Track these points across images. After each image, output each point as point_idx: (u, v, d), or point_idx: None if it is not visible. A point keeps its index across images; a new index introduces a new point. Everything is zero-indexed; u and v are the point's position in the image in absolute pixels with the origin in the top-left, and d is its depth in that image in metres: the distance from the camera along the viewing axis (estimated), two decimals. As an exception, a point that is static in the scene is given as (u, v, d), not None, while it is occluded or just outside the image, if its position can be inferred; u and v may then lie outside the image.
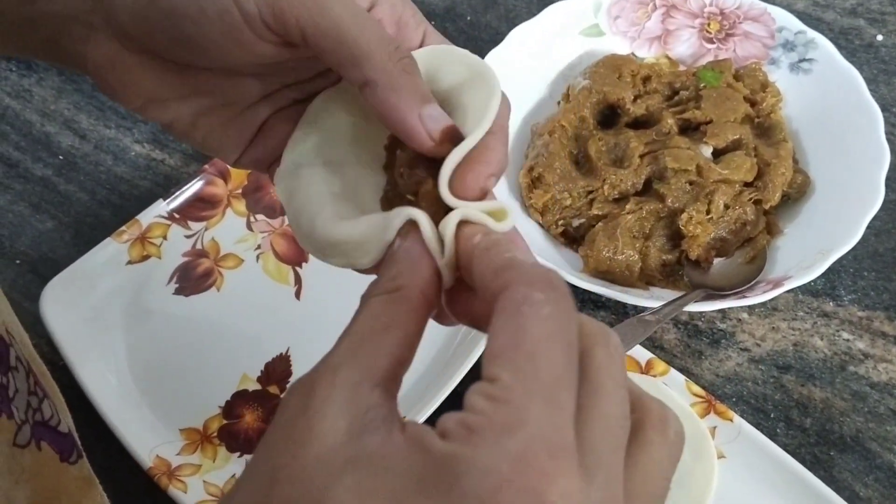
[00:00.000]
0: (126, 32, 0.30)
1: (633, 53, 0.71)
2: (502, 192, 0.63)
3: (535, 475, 0.19)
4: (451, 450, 0.20)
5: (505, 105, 0.29)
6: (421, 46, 0.31)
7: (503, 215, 0.26)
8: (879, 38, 0.77)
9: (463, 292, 0.26)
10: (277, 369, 0.58)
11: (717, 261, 0.60)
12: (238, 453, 0.55)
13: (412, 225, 0.26)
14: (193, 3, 0.28)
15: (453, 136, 0.27)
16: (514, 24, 0.69)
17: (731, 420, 0.54)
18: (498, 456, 0.19)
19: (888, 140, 0.62)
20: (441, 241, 0.25)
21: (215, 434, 0.55)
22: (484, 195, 0.27)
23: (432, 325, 0.26)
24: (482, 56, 0.67)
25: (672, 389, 0.55)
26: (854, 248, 0.58)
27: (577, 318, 0.23)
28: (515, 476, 0.19)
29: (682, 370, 0.57)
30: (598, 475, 0.21)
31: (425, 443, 0.20)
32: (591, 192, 0.62)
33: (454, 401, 0.53)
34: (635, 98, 0.66)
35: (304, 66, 0.32)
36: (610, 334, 0.24)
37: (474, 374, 0.50)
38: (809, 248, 0.59)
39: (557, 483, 0.19)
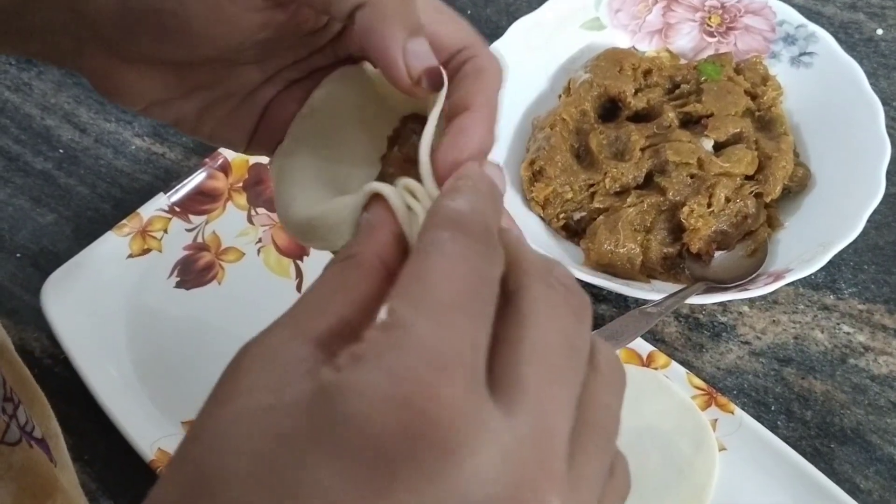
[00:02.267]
0: (111, 41, 0.29)
1: (633, 47, 0.71)
2: (503, 185, 0.63)
3: (411, 387, 0.18)
4: (336, 378, 0.19)
5: (495, 76, 0.27)
6: None
7: None
8: (879, 32, 0.77)
9: None
10: (279, 362, 0.58)
11: (717, 254, 0.60)
12: (240, 446, 0.55)
13: (377, 197, 0.25)
14: None
15: (434, 80, 0.26)
16: (515, 18, 0.69)
17: (732, 412, 0.54)
18: (375, 375, 0.18)
19: (889, 133, 0.62)
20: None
21: (217, 427, 0.55)
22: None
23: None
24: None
25: (673, 382, 0.55)
26: (854, 242, 0.58)
27: (515, 255, 0.22)
28: (391, 391, 0.18)
29: (683, 363, 0.57)
30: (522, 406, 0.19)
31: (319, 378, 0.20)
32: (592, 185, 0.62)
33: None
34: (636, 91, 0.66)
35: (299, 45, 0.32)
36: (553, 267, 0.22)
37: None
38: (810, 242, 0.59)
39: (439, 394, 0.18)
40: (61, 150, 0.71)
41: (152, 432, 0.54)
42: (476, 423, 0.18)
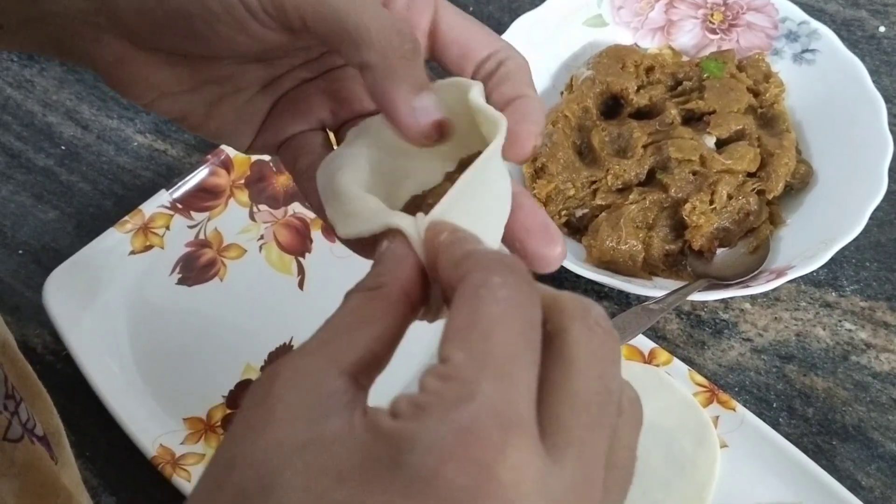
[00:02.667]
0: (133, 32, 0.30)
1: (636, 44, 0.71)
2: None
3: (481, 447, 0.19)
4: (398, 427, 0.19)
5: (529, 72, 0.30)
6: (432, 23, 0.31)
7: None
8: (882, 29, 0.77)
9: None
10: (281, 359, 0.58)
11: (720, 251, 0.60)
12: (242, 442, 0.55)
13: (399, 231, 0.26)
14: (198, 1, 0.28)
15: (442, 131, 0.28)
16: (517, 15, 0.69)
17: (734, 409, 0.54)
18: (444, 430, 0.19)
19: (891, 131, 0.62)
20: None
21: (219, 423, 0.55)
22: (534, 153, 0.28)
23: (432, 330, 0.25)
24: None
25: (675, 379, 0.55)
26: (856, 239, 0.58)
27: (553, 296, 0.23)
28: (461, 449, 0.19)
29: (684, 360, 0.57)
30: (568, 454, 0.20)
31: (376, 422, 0.20)
32: (594, 182, 0.62)
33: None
34: (638, 88, 0.66)
35: (312, 47, 0.32)
36: (590, 308, 0.23)
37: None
38: (812, 238, 0.59)
39: (506, 455, 0.19)
40: (63, 147, 0.71)
41: (154, 429, 0.54)
42: (535, 480, 0.19)
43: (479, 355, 0.20)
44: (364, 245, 0.28)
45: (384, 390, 0.24)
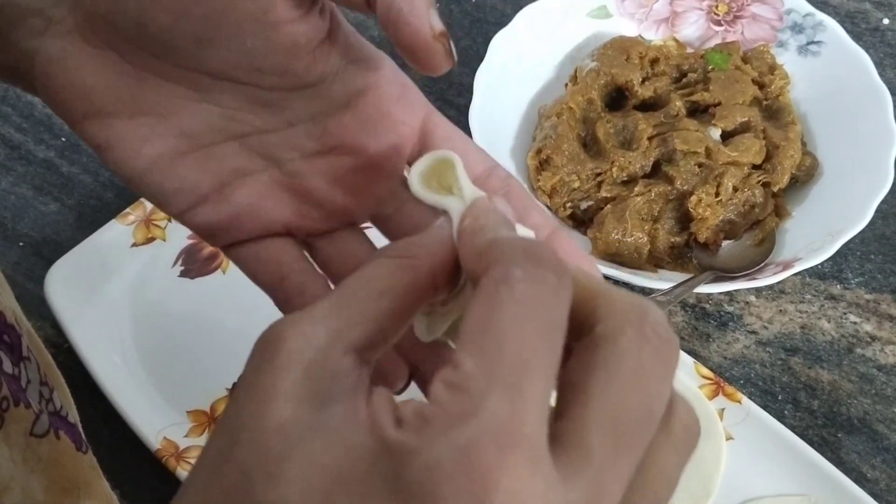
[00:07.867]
0: (100, 17, 0.27)
1: (640, 35, 0.71)
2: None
3: (478, 470, 0.18)
4: (401, 439, 0.19)
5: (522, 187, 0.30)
6: (423, 123, 0.30)
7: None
8: (886, 21, 0.76)
9: None
10: (284, 351, 0.58)
11: (725, 243, 0.60)
12: (246, 435, 0.54)
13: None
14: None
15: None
16: (520, 6, 0.69)
17: (740, 402, 0.54)
18: (443, 449, 0.18)
19: (897, 123, 0.62)
20: None
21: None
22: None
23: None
24: (488, 39, 0.67)
25: (680, 371, 0.55)
26: (861, 232, 0.58)
27: (606, 294, 0.21)
28: (458, 470, 0.18)
29: (690, 352, 0.57)
30: (584, 475, 0.19)
31: (381, 429, 0.19)
32: (599, 174, 0.62)
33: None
34: (643, 80, 0.66)
35: (313, 101, 0.29)
36: (648, 312, 0.21)
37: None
38: (818, 231, 0.59)
39: (503, 478, 0.18)
40: (63, 139, 0.70)
41: (158, 421, 0.53)
42: (536, 501, 0.18)
43: (489, 365, 0.19)
44: None
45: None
